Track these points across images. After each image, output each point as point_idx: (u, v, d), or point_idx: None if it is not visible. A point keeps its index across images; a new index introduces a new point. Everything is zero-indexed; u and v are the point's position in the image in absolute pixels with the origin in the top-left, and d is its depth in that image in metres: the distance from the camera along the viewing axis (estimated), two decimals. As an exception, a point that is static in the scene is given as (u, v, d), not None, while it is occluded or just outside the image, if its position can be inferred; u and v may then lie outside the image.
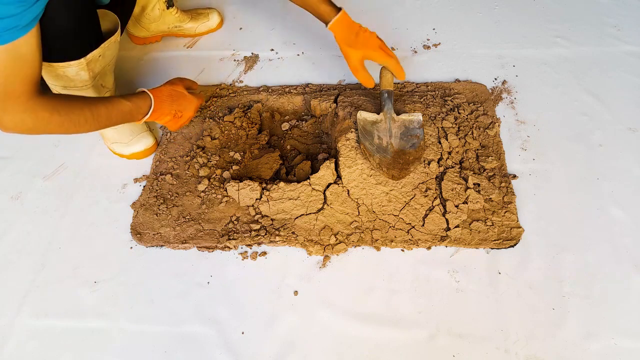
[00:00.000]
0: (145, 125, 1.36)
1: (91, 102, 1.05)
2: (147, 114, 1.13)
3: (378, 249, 1.15)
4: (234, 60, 1.60)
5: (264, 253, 1.16)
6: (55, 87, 1.15)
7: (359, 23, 1.24)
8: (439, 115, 1.33)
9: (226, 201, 1.22)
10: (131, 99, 1.10)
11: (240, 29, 1.70)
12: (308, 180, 1.18)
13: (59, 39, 1.02)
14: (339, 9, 1.23)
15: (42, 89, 0.98)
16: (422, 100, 1.38)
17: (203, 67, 1.58)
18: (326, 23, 1.23)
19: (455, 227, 1.14)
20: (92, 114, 1.03)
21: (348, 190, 1.18)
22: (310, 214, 1.17)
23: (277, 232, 1.16)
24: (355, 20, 1.26)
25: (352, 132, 1.23)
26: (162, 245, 1.18)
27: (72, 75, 1.11)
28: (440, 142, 1.27)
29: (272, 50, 1.62)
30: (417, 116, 1.24)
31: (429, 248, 1.14)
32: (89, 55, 1.09)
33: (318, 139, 1.38)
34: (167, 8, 1.55)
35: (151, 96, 1.13)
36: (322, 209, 1.18)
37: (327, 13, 1.21)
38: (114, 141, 1.33)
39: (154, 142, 1.35)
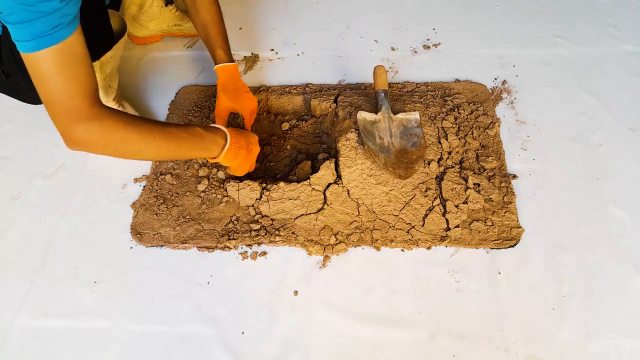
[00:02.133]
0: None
1: (160, 122, 1.00)
2: (223, 145, 1.05)
3: (378, 249, 1.15)
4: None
5: (264, 253, 1.16)
6: None
7: (246, 84, 1.28)
8: (439, 115, 1.33)
9: (226, 201, 1.22)
10: (204, 127, 1.04)
11: (240, 28, 1.70)
12: (308, 180, 1.18)
13: None
14: (232, 61, 1.26)
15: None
16: (422, 100, 1.38)
17: (203, 67, 1.58)
18: (216, 63, 1.25)
19: (455, 227, 1.14)
20: (161, 132, 0.94)
21: (348, 190, 1.18)
22: (310, 214, 1.17)
23: (277, 232, 1.16)
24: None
25: (352, 132, 1.23)
26: (162, 245, 1.19)
27: None
28: (440, 142, 1.27)
29: (272, 50, 1.62)
30: (415, 115, 1.24)
31: (429, 248, 1.14)
32: (103, 57, 1.10)
33: (318, 139, 1.38)
34: (166, 5, 1.55)
35: (224, 129, 1.07)
36: (322, 209, 1.18)
37: (220, 57, 1.24)
38: (114, 141, 1.33)
39: (154, 142, 1.35)
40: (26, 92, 1.25)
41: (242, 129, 1.17)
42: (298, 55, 1.60)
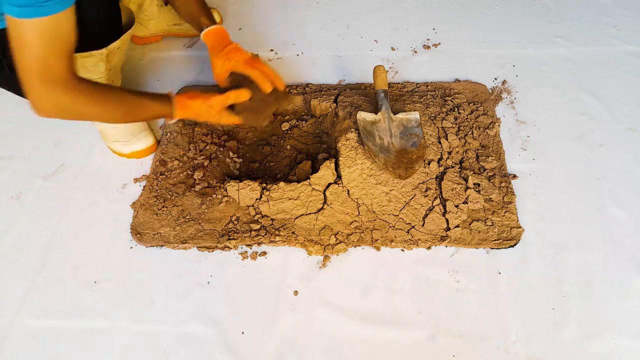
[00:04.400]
0: (145, 124, 1.36)
1: (124, 90, 1.06)
2: (172, 114, 1.09)
3: (378, 249, 1.15)
4: (234, 60, 1.60)
5: (264, 253, 1.16)
6: None
7: (235, 42, 1.22)
8: (439, 115, 1.33)
9: (226, 201, 1.22)
10: (155, 97, 1.09)
11: (240, 29, 1.70)
12: (308, 180, 1.18)
13: (89, 28, 1.02)
14: (215, 24, 1.24)
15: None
16: (422, 100, 1.38)
17: (203, 67, 1.58)
18: (201, 32, 1.23)
19: (455, 227, 1.14)
20: (127, 99, 1.03)
21: (348, 190, 1.18)
22: (310, 214, 1.17)
23: (277, 232, 1.16)
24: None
25: (352, 132, 1.23)
26: (162, 245, 1.19)
27: (91, 67, 1.12)
28: (440, 142, 1.27)
29: (272, 50, 1.62)
30: (415, 115, 1.24)
31: (429, 248, 1.14)
32: (111, 46, 1.10)
33: (318, 139, 1.38)
34: (165, 4, 1.55)
35: (173, 98, 1.09)
36: (322, 209, 1.18)
37: (204, 23, 1.22)
38: (114, 140, 1.33)
39: (154, 142, 1.35)
40: None
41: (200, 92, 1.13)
42: (298, 55, 1.60)
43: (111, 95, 1.01)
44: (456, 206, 1.16)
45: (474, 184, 1.20)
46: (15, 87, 1.27)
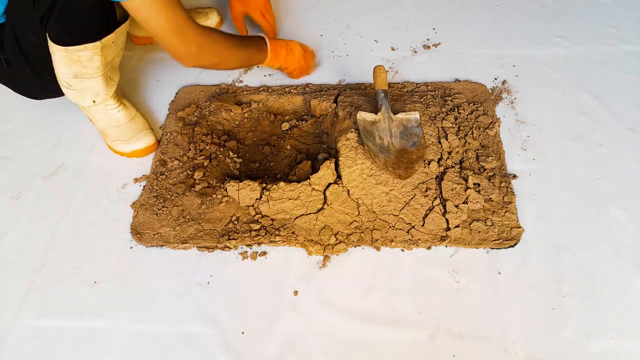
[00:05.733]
0: (145, 123, 1.36)
1: (229, 37, 1.23)
2: (266, 49, 1.33)
3: (378, 249, 1.15)
4: (234, 60, 1.60)
5: (264, 253, 1.16)
6: (67, 76, 1.17)
7: None
8: (439, 115, 1.33)
9: (226, 201, 1.22)
10: (252, 40, 1.33)
11: (240, 29, 1.70)
12: (308, 180, 1.18)
13: (80, 19, 1.06)
14: None
15: None
16: (422, 100, 1.38)
17: (203, 67, 1.58)
18: None
19: (455, 227, 1.14)
20: (236, 45, 1.24)
21: (348, 190, 1.18)
22: (310, 214, 1.17)
23: (277, 232, 1.16)
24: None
25: (352, 132, 1.23)
26: (162, 245, 1.19)
27: (86, 61, 1.13)
28: (440, 142, 1.27)
29: (272, 50, 1.62)
30: (415, 115, 1.24)
31: (429, 248, 1.14)
32: (105, 39, 1.12)
33: (318, 139, 1.38)
34: None
35: (263, 35, 1.36)
36: (322, 209, 1.18)
37: None
38: (115, 139, 1.33)
39: (154, 141, 1.35)
40: (25, 82, 1.26)
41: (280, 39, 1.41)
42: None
43: (226, 36, 1.21)
44: (456, 206, 1.16)
45: (474, 184, 1.20)
46: (11, 82, 1.28)
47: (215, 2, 1.76)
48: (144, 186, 1.29)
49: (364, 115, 1.22)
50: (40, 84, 1.27)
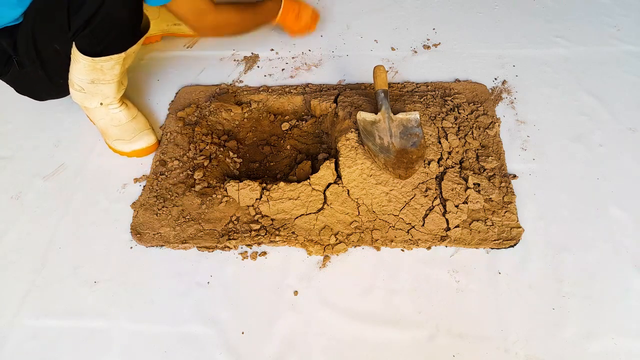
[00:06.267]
0: (147, 123, 1.36)
1: (236, 6, 1.37)
2: (276, 16, 1.47)
3: (378, 249, 1.15)
4: (234, 60, 1.60)
5: (264, 253, 1.16)
6: (83, 82, 1.18)
7: None
8: (439, 115, 1.33)
9: (226, 201, 1.22)
10: (264, 2, 1.45)
11: (240, 29, 1.70)
12: (308, 180, 1.18)
13: (113, 31, 1.09)
14: None
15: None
16: (422, 100, 1.38)
17: (203, 67, 1.58)
18: None
19: (455, 227, 1.14)
20: (242, 15, 1.39)
21: (348, 190, 1.18)
22: (310, 214, 1.17)
23: (277, 232, 1.16)
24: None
25: (352, 132, 1.23)
26: (162, 245, 1.18)
27: (108, 69, 1.15)
28: (440, 142, 1.27)
29: (272, 50, 1.62)
30: (415, 115, 1.24)
31: (429, 248, 1.14)
32: (129, 49, 1.14)
33: (318, 139, 1.38)
34: None
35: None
36: (322, 209, 1.18)
37: None
38: (116, 138, 1.33)
39: (155, 141, 1.35)
40: (35, 84, 1.26)
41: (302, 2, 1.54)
42: (298, 55, 1.60)
43: (230, 5, 1.34)
44: (456, 206, 1.16)
45: (474, 184, 1.20)
46: (18, 83, 1.28)
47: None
48: (144, 186, 1.29)
49: (364, 115, 1.22)
50: (50, 86, 1.28)
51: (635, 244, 1.13)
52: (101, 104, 1.27)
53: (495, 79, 1.48)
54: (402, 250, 1.15)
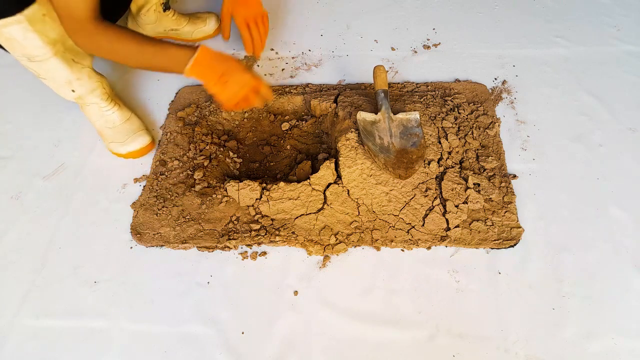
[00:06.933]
0: (141, 124, 1.36)
1: (141, 39, 1.07)
2: (187, 63, 1.05)
3: (378, 249, 1.15)
4: (234, 60, 1.60)
5: (264, 253, 1.16)
6: (22, 59, 1.11)
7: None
8: (439, 115, 1.33)
9: (226, 201, 1.22)
10: (179, 45, 1.07)
11: (240, 29, 1.70)
12: (308, 180, 1.18)
13: None
14: None
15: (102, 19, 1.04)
16: (422, 100, 1.38)
17: (203, 67, 1.58)
18: None
19: (455, 227, 1.14)
20: (139, 49, 1.06)
21: (348, 190, 1.18)
22: (310, 214, 1.17)
23: (277, 232, 1.16)
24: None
25: (352, 132, 1.23)
26: (162, 245, 1.19)
27: (22, 40, 1.05)
28: (440, 142, 1.27)
29: (272, 49, 1.62)
30: (415, 115, 1.24)
31: (429, 248, 1.14)
32: (28, 11, 1.02)
33: (318, 139, 1.38)
34: (164, 11, 1.55)
35: (199, 48, 1.06)
36: (322, 209, 1.18)
37: None
38: (111, 140, 1.33)
39: (149, 142, 1.35)
40: None
41: (233, 59, 1.09)
42: (298, 55, 1.60)
43: (130, 36, 1.06)
44: (456, 206, 1.16)
45: (474, 184, 1.20)
46: None
47: (215, 6, 1.76)
48: (144, 186, 1.29)
49: (364, 115, 1.22)
50: None
51: (635, 244, 1.13)
52: (73, 91, 1.21)
53: (495, 79, 1.48)
54: (402, 250, 1.15)
